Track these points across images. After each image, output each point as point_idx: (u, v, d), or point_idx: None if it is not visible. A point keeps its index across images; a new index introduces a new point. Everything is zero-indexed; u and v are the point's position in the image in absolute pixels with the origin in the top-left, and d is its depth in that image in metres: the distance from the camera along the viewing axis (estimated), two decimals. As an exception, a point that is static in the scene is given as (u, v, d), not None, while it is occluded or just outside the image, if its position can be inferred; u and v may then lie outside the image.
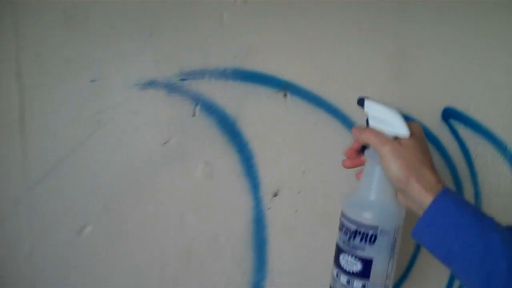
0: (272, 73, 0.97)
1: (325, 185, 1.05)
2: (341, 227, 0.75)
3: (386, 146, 0.69)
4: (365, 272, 0.73)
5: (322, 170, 1.03)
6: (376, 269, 0.72)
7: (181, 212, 0.89)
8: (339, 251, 0.76)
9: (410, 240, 0.73)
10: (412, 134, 0.70)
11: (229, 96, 0.90)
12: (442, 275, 1.22)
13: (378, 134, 0.71)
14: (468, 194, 1.19)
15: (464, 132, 1.21)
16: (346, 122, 1.04)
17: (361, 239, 0.72)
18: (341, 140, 1.05)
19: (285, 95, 0.98)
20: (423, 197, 0.66)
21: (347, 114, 1.05)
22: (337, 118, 1.05)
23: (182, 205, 0.89)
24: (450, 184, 1.17)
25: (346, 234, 0.74)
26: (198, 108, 0.88)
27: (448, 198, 0.65)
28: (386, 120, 0.70)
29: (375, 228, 0.72)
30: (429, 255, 0.71)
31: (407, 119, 0.75)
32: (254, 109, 0.93)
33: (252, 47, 0.94)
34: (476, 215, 0.64)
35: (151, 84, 0.84)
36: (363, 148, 0.76)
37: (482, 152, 1.22)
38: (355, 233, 0.73)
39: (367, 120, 0.74)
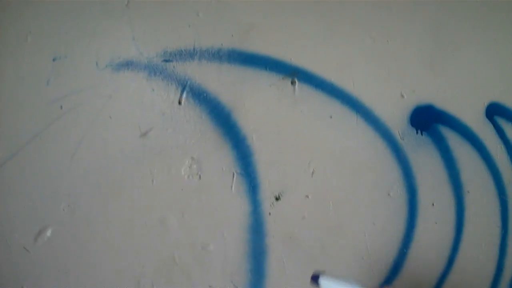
0: (277, 56, 0.88)
1: (338, 189, 0.95)
2: None
3: None
4: None
5: (336, 172, 0.93)
6: None
7: (163, 215, 0.80)
8: None
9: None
10: None
11: (223, 82, 0.81)
12: None
13: None
14: (513, 204, 1.04)
15: (513, 132, 1.03)
16: (367, 115, 0.92)
17: None
18: (360, 137, 0.95)
19: (293, 82, 0.89)
20: None
21: (368, 106, 0.95)
22: (356, 110, 0.96)
23: (164, 207, 0.81)
24: (491, 193, 1.03)
25: None
26: (185, 94, 0.78)
27: None
28: None
29: None
30: None
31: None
32: (254, 98, 0.85)
33: (254, 25, 0.85)
34: None
35: (127, 65, 0.74)
36: None
37: (534, 157, 1.05)
38: None
39: None
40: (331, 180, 0.91)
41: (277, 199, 0.87)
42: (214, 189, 0.83)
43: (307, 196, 0.89)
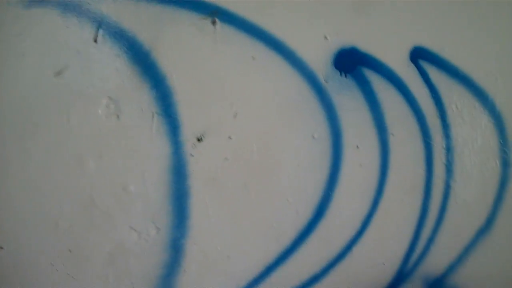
0: None
1: (262, 131, 1.01)
2: None
3: None
4: None
5: (260, 114, 0.99)
6: None
7: (80, 156, 0.85)
8: None
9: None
10: None
11: (141, 21, 0.86)
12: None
13: None
14: (438, 148, 1.15)
15: (437, 76, 1.17)
16: (290, 57, 0.98)
17: None
18: (283, 79, 1.01)
19: (214, 22, 0.93)
20: None
21: (291, 48, 1.01)
22: (280, 53, 1.01)
23: (82, 148, 0.85)
24: (416, 135, 1.12)
25: None
26: (101, 32, 0.82)
27: None
28: None
29: None
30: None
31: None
32: (174, 38, 0.89)
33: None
34: None
35: (40, 1, 0.76)
36: None
37: (458, 101, 1.17)
38: None
39: None
40: (254, 122, 0.96)
41: (199, 140, 0.92)
42: (133, 130, 0.87)
43: (230, 138, 0.95)
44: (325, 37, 1.00)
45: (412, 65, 1.10)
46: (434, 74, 1.14)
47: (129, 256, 0.90)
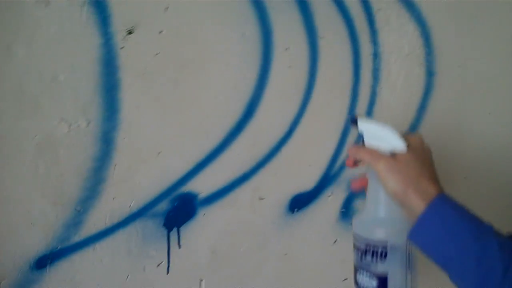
0: None
1: (193, 27, 1.07)
2: (354, 246, 0.88)
3: (380, 163, 0.80)
4: None
5: (191, 9, 1.05)
6: (394, 285, 0.84)
7: (8, 43, 0.87)
8: (355, 270, 0.88)
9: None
10: (409, 146, 0.81)
11: None
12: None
13: (372, 152, 0.83)
14: (366, 53, 1.25)
15: (367, -20, 1.19)
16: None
17: (372, 256, 0.85)
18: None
19: None
20: (420, 207, 0.75)
21: None
22: None
23: (9, 35, 0.89)
24: (344, 40, 1.21)
25: (358, 253, 0.86)
26: None
27: (445, 202, 0.75)
28: (381, 137, 0.82)
29: (384, 243, 0.84)
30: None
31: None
32: None
33: None
34: (474, 220, 0.74)
35: None
36: None
37: (386, 7, 1.27)
38: (366, 250, 0.85)
39: (362, 139, 0.85)
40: (185, 17, 1.02)
41: (129, 33, 0.97)
42: (63, 18, 0.91)
43: (161, 32, 1.00)
44: None
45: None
46: (363, -23, 1.18)
47: (60, 147, 0.95)
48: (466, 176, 1.16)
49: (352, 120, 0.91)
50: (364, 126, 0.86)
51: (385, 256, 0.83)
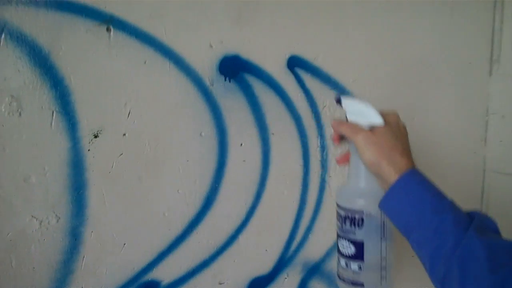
0: (92, 4, 1.04)
1: (154, 129, 1.14)
2: (336, 215, 0.95)
3: (359, 135, 0.86)
4: (358, 254, 0.93)
5: (151, 113, 1.12)
6: (369, 251, 0.92)
7: (-17, 149, 0.93)
8: (337, 237, 0.96)
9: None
10: (386, 122, 0.87)
11: (41, 26, 0.97)
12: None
13: (352, 125, 0.89)
14: (314, 145, 1.34)
15: (311, 82, 1.36)
16: (179, 63, 1.13)
17: (350, 224, 0.92)
18: (173, 82, 1.16)
19: (108, 29, 1.04)
20: (392, 178, 0.82)
21: (180, 54, 1.14)
22: (169, 58, 1.15)
23: (-14, 142, 0.93)
24: (294, 135, 1.30)
25: (339, 220, 0.94)
26: (3, 36, 0.93)
27: (413, 177, 0.82)
28: (362, 113, 0.88)
29: (361, 212, 0.92)
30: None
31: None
32: (71, 42, 1.01)
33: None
34: (437, 194, 0.80)
35: None
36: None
37: (330, 105, 1.36)
38: (345, 218, 0.93)
39: (345, 116, 0.91)
40: (146, 120, 1.10)
41: (95, 136, 1.05)
42: (34, 126, 0.98)
43: (124, 135, 1.08)
44: (211, 45, 1.16)
45: (289, 72, 1.28)
46: (309, 80, 1.34)
47: (31, 243, 1.00)
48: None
49: (337, 100, 0.98)
50: (346, 103, 0.92)
51: (362, 224, 0.90)
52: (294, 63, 1.31)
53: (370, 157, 0.84)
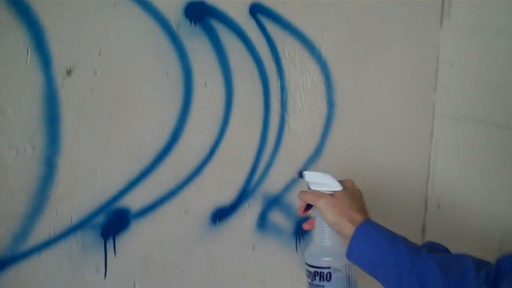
0: None
1: (123, 67, 1.21)
2: (306, 272, 1.04)
3: (321, 199, 0.99)
4: None
5: (120, 53, 1.18)
6: None
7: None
8: None
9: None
10: (344, 187, 1.01)
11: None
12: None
13: (315, 193, 1.02)
14: (274, 87, 1.42)
15: (272, 28, 1.42)
16: (147, 6, 1.21)
17: (320, 279, 1.02)
18: (141, 25, 1.21)
19: None
20: (351, 230, 0.93)
21: None
22: (137, 2, 1.21)
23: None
24: (255, 77, 1.39)
25: (309, 277, 1.03)
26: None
27: (368, 225, 0.94)
28: (322, 182, 1.02)
29: (328, 268, 1.01)
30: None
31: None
32: None
33: None
34: (389, 235, 0.92)
35: None
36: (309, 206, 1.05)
37: (290, 50, 1.45)
38: (314, 274, 1.02)
39: (308, 187, 1.06)
40: (116, 60, 1.16)
41: (68, 73, 1.11)
42: (11, 63, 1.04)
43: (95, 73, 1.15)
44: (175, -10, 1.20)
45: (251, 18, 1.35)
46: (270, 26, 1.40)
47: (8, 171, 1.07)
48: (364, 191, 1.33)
49: (299, 174, 1.12)
50: (309, 176, 1.06)
51: (330, 278, 1.01)
52: (256, 10, 1.36)
53: (332, 217, 0.97)
